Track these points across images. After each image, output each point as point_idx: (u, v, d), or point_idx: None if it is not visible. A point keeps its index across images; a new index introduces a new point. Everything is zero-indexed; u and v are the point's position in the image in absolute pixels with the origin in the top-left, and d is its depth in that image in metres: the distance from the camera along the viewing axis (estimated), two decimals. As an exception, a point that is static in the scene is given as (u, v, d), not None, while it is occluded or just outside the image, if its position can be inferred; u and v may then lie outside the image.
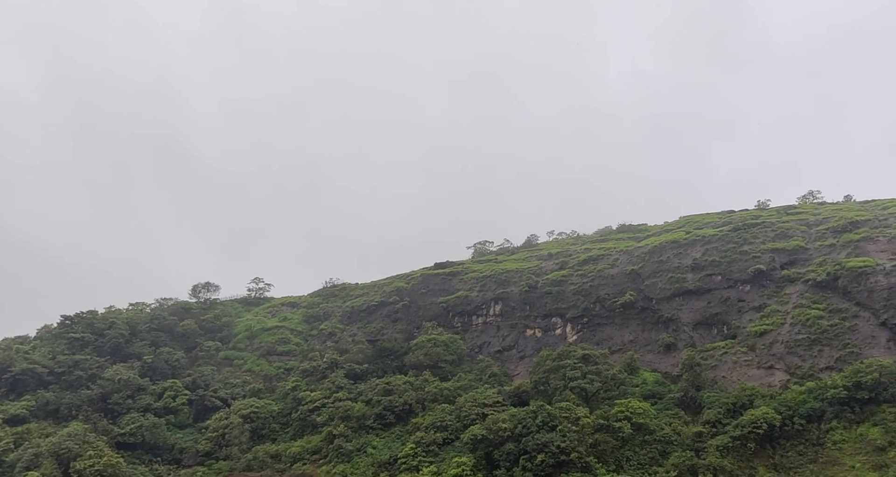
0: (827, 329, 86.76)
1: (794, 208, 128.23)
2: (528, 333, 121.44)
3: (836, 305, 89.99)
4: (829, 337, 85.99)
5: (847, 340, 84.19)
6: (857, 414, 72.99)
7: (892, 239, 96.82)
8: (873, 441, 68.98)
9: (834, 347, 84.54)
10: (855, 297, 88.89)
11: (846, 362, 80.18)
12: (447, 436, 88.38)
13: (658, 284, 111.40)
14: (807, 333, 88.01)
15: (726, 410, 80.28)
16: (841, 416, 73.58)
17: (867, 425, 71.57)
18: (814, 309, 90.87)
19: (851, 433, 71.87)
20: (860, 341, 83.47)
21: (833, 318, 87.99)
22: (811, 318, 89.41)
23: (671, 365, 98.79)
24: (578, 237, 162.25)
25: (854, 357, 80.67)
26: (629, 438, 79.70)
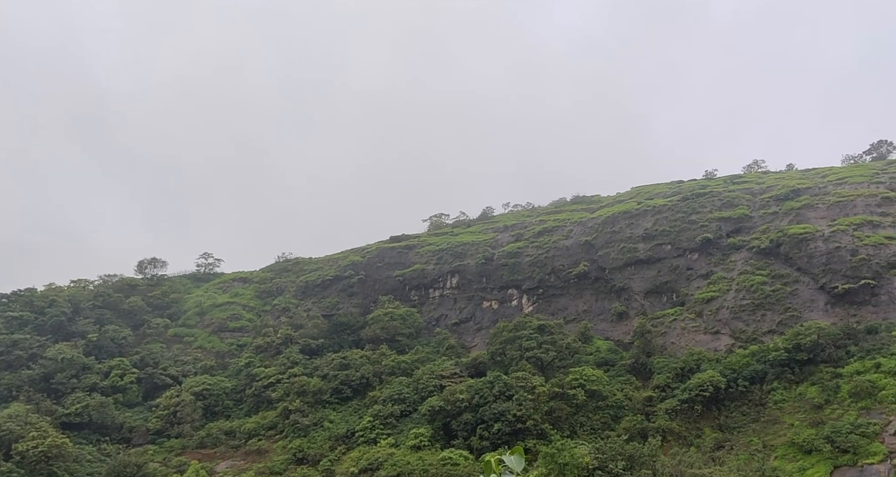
0: (769, 294, 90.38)
1: (740, 177, 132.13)
2: (484, 305, 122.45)
3: (778, 270, 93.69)
4: (771, 302, 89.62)
5: (788, 305, 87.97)
6: (796, 374, 76.41)
7: (830, 206, 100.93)
8: (811, 400, 72.38)
9: (776, 312, 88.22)
10: (796, 262, 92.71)
11: (787, 326, 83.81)
12: (405, 408, 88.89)
13: (611, 254, 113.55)
14: (751, 299, 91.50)
15: (675, 375, 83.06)
16: (782, 377, 76.92)
17: (805, 385, 75.01)
18: (757, 275, 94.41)
19: (791, 393, 75.26)
20: (800, 305, 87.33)
21: (775, 283, 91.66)
22: (755, 284, 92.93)
23: (623, 333, 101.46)
24: (534, 209, 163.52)
25: (794, 320, 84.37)
26: (583, 405, 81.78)
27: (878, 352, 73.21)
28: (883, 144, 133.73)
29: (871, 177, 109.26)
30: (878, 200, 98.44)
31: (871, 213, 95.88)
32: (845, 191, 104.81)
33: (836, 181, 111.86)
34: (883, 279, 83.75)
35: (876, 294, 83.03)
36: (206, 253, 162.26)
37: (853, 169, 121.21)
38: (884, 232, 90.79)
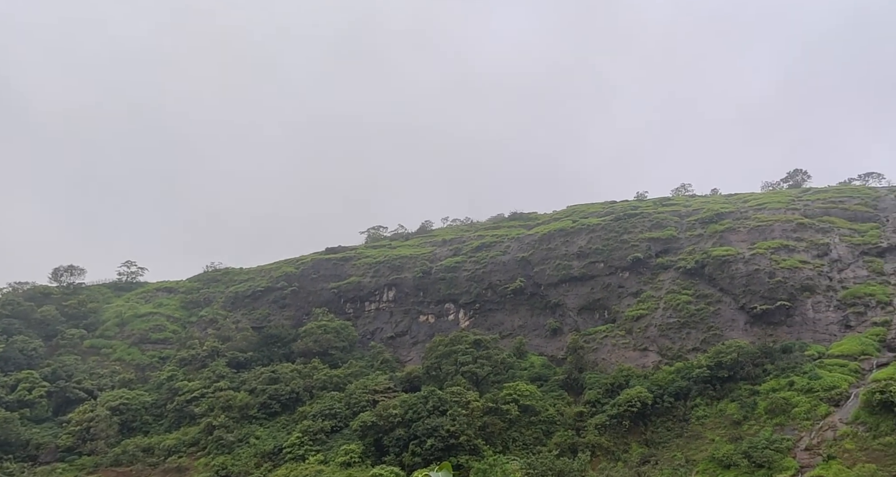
0: (694, 313, 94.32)
1: (669, 200, 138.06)
2: (421, 319, 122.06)
3: (702, 290, 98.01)
4: (695, 320, 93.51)
5: (711, 324, 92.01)
6: (717, 391, 79.55)
7: (751, 230, 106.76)
8: (730, 416, 75.47)
9: (700, 330, 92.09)
10: (719, 283, 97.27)
11: (710, 344, 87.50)
12: (336, 424, 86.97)
13: (546, 270, 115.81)
14: (677, 317, 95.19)
15: (605, 391, 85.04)
16: (704, 393, 79.93)
17: (726, 401, 78.16)
18: (683, 294, 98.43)
19: (713, 409, 78.29)
20: (722, 324, 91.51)
21: (700, 303, 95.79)
22: (681, 303, 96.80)
23: (557, 348, 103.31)
24: (472, 224, 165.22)
25: (717, 339, 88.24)
26: (516, 420, 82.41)
27: (791, 370, 77.17)
28: (798, 173, 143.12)
29: (788, 203, 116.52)
30: (793, 226, 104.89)
31: (787, 237, 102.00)
32: (764, 216, 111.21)
33: (756, 206, 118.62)
34: (797, 301, 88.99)
35: (790, 315, 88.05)
36: (128, 261, 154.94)
37: (772, 195, 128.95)
38: (798, 256, 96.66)
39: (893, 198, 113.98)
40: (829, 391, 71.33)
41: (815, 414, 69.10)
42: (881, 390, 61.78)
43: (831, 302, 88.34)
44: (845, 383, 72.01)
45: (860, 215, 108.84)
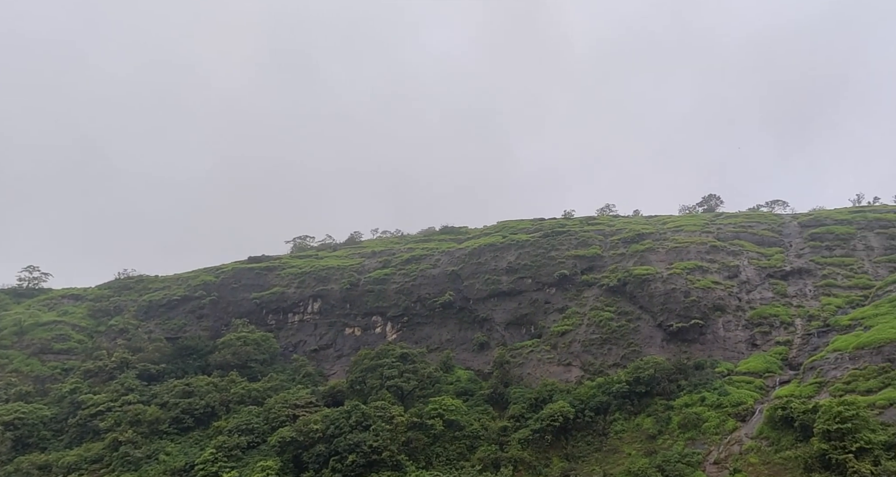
0: (616, 330, 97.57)
1: (594, 219, 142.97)
2: (347, 332, 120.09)
3: (624, 308, 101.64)
4: (617, 337, 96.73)
5: (631, 340, 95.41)
6: (635, 406, 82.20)
7: (669, 251, 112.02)
8: (646, 430, 78.07)
9: (620, 346, 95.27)
10: (639, 301, 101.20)
11: (629, 360, 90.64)
12: (253, 439, 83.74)
13: (476, 284, 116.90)
14: (599, 333, 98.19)
15: (529, 405, 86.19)
16: (623, 408, 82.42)
17: (642, 416, 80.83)
18: (606, 311, 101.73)
19: (630, 423, 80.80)
20: (641, 341, 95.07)
21: (621, 319, 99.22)
22: (603, 319, 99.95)
23: (484, 363, 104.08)
24: (403, 236, 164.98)
25: (636, 355, 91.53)
26: (440, 435, 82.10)
27: (703, 386, 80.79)
28: (713, 198, 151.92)
29: (703, 227, 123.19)
30: (707, 248, 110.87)
31: (701, 259, 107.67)
32: (681, 238, 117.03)
33: (674, 228, 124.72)
34: (709, 320, 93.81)
35: (703, 333, 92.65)
36: (30, 266, 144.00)
37: (688, 218, 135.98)
38: (711, 277, 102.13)
39: (796, 224, 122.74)
40: (737, 407, 74.93)
41: (724, 428, 72.37)
42: (783, 407, 65.34)
43: (740, 321, 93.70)
44: (751, 399, 75.97)
45: (767, 240, 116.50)
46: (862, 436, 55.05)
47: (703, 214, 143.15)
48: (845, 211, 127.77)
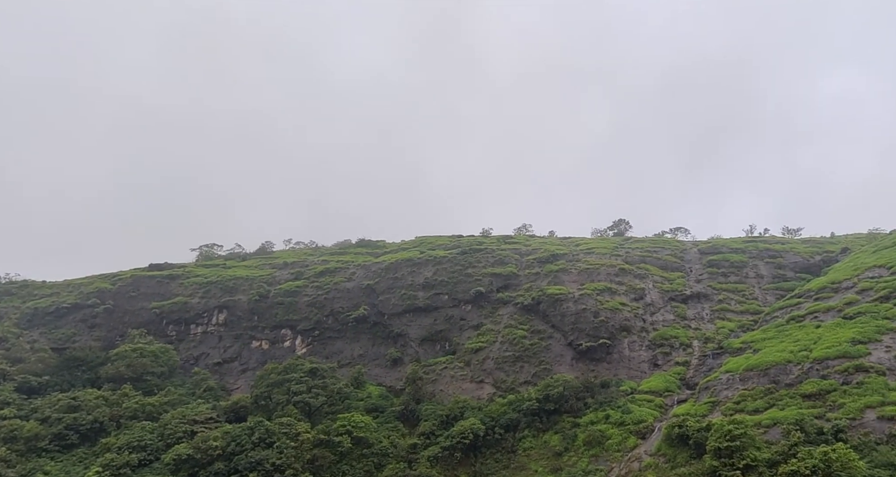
0: (528, 347, 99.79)
1: (511, 238, 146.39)
2: (253, 345, 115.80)
3: (536, 326, 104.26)
4: (529, 355, 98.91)
5: (542, 358, 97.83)
6: (544, 423, 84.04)
7: (581, 272, 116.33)
8: (554, 447, 79.95)
9: (532, 364, 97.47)
10: (551, 320, 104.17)
11: (540, 377, 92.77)
12: (145, 457, 78.55)
13: (391, 300, 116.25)
14: (513, 351, 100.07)
15: (440, 422, 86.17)
16: (532, 425, 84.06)
17: (550, 433, 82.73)
18: (519, 329, 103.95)
19: (538, 440, 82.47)
20: (552, 359, 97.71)
21: (534, 338, 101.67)
22: (517, 337, 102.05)
23: (396, 379, 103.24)
24: (317, 248, 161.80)
25: (546, 373, 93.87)
26: (348, 452, 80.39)
27: (608, 404, 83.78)
28: (622, 222, 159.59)
29: (612, 250, 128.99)
30: (616, 271, 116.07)
31: (610, 281, 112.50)
32: (593, 259, 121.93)
33: (586, 250, 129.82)
34: (616, 340, 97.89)
35: (610, 353, 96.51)
36: None
37: (599, 241, 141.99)
38: (619, 298, 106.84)
39: (696, 251, 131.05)
40: (638, 425, 78.20)
41: (626, 446, 75.28)
42: (679, 425, 68.75)
43: (644, 342, 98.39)
44: (651, 417, 79.56)
45: (670, 265, 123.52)
46: (749, 453, 58.67)
47: (614, 238, 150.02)
48: (739, 240, 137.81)
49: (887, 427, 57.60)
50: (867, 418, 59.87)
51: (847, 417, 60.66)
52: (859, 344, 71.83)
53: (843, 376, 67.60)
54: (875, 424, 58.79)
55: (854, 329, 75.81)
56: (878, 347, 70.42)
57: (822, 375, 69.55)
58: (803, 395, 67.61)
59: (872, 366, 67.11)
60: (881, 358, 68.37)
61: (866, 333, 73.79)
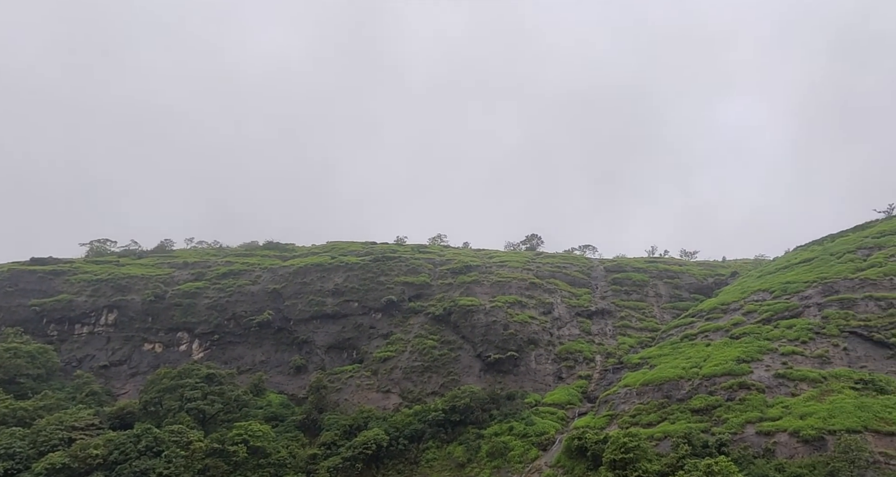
0: (437, 358, 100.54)
1: (425, 247, 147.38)
2: (146, 348, 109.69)
3: (447, 337, 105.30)
4: (438, 365, 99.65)
5: (451, 369, 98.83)
6: (449, 434, 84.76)
7: (493, 284, 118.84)
8: (457, 458, 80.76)
9: (440, 374, 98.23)
10: (462, 331, 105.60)
11: (448, 388, 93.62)
12: (13, 466, 72.01)
13: (298, 305, 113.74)
14: (421, 361, 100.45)
15: (343, 432, 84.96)
16: (437, 436, 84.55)
17: (454, 445, 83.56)
18: (429, 339, 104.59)
19: (442, 452, 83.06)
20: (461, 370, 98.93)
21: (443, 348, 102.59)
22: (427, 347, 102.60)
23: (299, 387, 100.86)
24: (221, 249, 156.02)
25: (454, 384, 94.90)
26: (243, 463, 77.51)
27: (513, 416, 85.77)
28: (535, 237, 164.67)
29: (524, 264, 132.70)
30: (527, 284, 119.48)
31: (521, 294, 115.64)
32: (505, 272, 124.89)
33: (499, 263, 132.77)
34: (524, 352, 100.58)
35: (517, 365, 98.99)
36: None
37: (512, 255, 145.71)
38: (528, 312, 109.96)
39: (602, 269, 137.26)
40: (541, 436, 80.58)
41: (527, 457, 77.29)
42: (578, 437, 71.37)
43: (550, 355, 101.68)
44: (553, 429, 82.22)
45: (577, 281, 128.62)
46: (641, 465, 61.77)
47: (526, 252, 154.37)
48: (642, 260, 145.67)
49: (764, 441, 62.41)
50: (747, 433, 64.61)
51: (730, 432, 65.17)
52: (743, 363, 77.57)
53: (728, 393, 72.70)
54: (754, 438, 63.55)
55: (739, 349, 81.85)
56: (760, 366, 76.37)
57: (709, 391, 74.46)
58: (692, 409, 72.06)
59: (754, 383, 72.62)
60: (762, 376, 74.17)
61: (750, 352, 79.85)
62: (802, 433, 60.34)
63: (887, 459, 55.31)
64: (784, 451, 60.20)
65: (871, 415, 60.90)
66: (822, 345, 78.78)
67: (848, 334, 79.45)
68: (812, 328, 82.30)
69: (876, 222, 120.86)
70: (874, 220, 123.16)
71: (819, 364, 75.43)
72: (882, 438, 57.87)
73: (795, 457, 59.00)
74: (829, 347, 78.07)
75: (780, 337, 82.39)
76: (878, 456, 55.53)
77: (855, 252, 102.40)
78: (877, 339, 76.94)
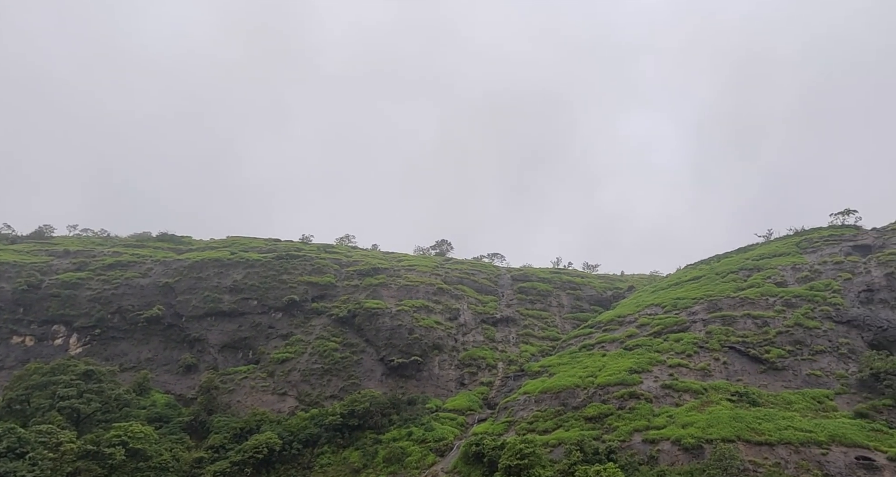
0: (339, 361, 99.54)
1: (332, 247, 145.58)
2: (14, 341, 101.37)
3: (350, 339, 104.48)
4: (339, 368, 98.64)
5: (352, 372, 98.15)
6: (345, 439, 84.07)
7: (401, 287, 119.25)
8: (352, 463, 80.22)
9: (341, 378, 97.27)
10: (366, 334, 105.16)
11: (348, 392, 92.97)
12: None
13: (192, 301, 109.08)
14: (322, 363, 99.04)
15: (233, 435, 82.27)
16: (333, 441, 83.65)
17: (351, 450, 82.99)
18: (332, 341, 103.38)
19: (338, 457, 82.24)
20: (362, 374, 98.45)
21: (345, 351, 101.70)
22: (328, 349, 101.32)
23: (189, 387, 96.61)
24: (109, 238, 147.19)
25: (355, 387, 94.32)
26: (120, 466, 73.18)
27: (412, 421, 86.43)
28: (444, 243, 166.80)
29: (433, 269, 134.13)
30: (434, 289, 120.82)
31: (428, 299, 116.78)
32: (413, 277, 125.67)
33: (407, 267, 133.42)
34: (428, 358, 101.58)
35: (421, 370, 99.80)
36: None
37: (421, 259, 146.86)
38: (434, 317, 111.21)
39: (509, 277, 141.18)
40: (439, 442, 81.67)
41: (424, 463, 78.06)
42: (476, 443, 73.12)
43: (454, 361, 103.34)
44: (452, 435, 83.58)
45: (485, 288, 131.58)
46: (534, 471, 64.16)
47: (435, 257, 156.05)
48: (547, 271, 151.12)
49: (649, 449, 66.58)
50: (634, 441, 68.66)
51: (619, 439, 69.00)
52: (634, 373, 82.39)
53: (619, 402, 76.94)
54: (640, 446, 67.63)
55: (632, 359, 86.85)
56: (649, 377, 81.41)
57: (603, 400, 78.50)
58: (586, 417, 75.66)
59: (643, 393, 77.31)
60: (650, 387, 79.08)
61: (641, 363, 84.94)
62: (683, 442, 64.83)
63: (755, 466, 60.53)
64: (666, 458, 64.43)
65: (744, 425, 66.45)
66: (704, 358, 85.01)
67: (728, 349, 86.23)
68: (697, 342, 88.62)
69: (756, 245, 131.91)
70: (755, 244, 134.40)
71: (701, 376, 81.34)
72: (752, 447, 63.24)
73: (676, 464, 63.30)
74: (711, 360, 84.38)
75: (669, 350, 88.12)
76: (748, 464, 60.63)
77: (737, 272, 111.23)
78: (752, 354, 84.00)
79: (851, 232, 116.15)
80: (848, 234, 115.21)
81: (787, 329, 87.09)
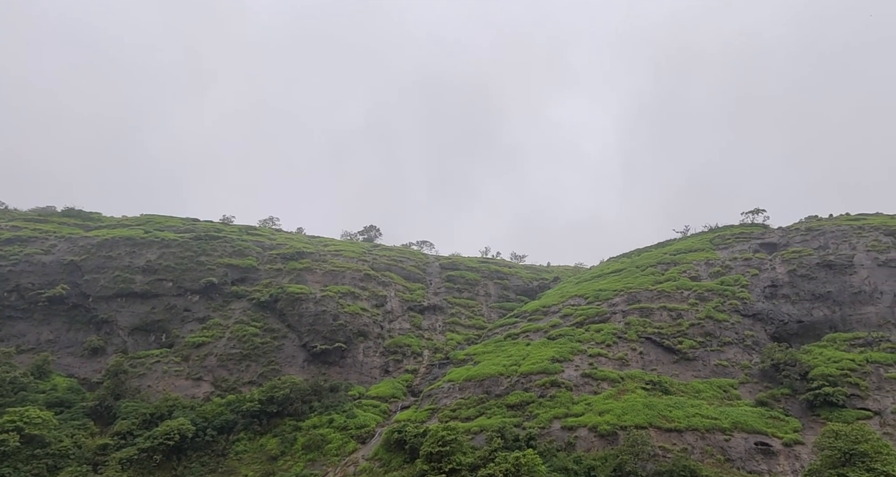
0: (259, 346, 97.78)
1: (255, 229, 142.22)
2: None
3: (271, 324, 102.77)
4: (258, 353, 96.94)
5: (273, 358, 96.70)
6: (263, 426, 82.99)
7: (326, 272, 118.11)
8: (270, 451, 79.41)
9: (260, 363, 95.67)
10: (288, 319, 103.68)
11: (267, 378, 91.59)
12: None
13: (101, 280, 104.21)
14: (240, 348, 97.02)
15: (142, 421, 79.64)
16: (250, 427, 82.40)
17: (268, 437, 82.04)
18: (251, 326, 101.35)
19: (254, 444, 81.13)
20: (283, 360, 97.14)
21: (266, 336, 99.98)
22: (247, 334, 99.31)
23: (94, 371, 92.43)
24: (7, 211, 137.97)
25: (274, 374, 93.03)
26: (14, 453, 69.73)
27: (334, 409, 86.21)
28: (372, 229, 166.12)
29: (361, 255, 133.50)
30: (361, 276, 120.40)
31: (355, 285, 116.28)
32: (339, 262, 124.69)
33: (334, 251, 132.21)
34: (352, 344, 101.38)
35: (344, 357, 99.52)
36: None
37: (348, 245, 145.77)
38: (360, 304, 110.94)
39: (437, 265, 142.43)
40: (361, 429, 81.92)
41: (345, 450, 78.24)
42: (398, 430, 73.92)
43: (379, 348, 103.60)
44: (374, 423, 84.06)
45: (413, 275, 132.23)
46: (455, 458, 65.46)
47: (363, 243, 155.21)
48: (475, 260, 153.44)
49: (567, 436, 69.39)
50: (553, 428, 71.39)
51: (539, 427, 71.55)
52: (556, 362, 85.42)
53: (541, 390, 79.62)
54: (559, 432, 70.39)
55: (554, 349, 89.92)
56: (570, 366, 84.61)
57: (525, 388, 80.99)
58: (508, 405, 77.88)
59: (564, 382, 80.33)
60: (571, 375, 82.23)
61: (563, 352, 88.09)
62: (599, 428, 68.01)
63: (665, 452, 64.35)
64: (583, 444, 67.40)
65: (656, 413, 70.37)
66: (622, 348, 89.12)
67: (644, 340, 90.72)
68: (616, 333, 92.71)
69: (674, 241, 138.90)
70: (672, 239, 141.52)
71: (619, 366, 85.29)
72: (662, 433, 67.13)
73: (592, 450, 66.35)
74: (629, 350, 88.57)
75: (590, 340, 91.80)
76: (657, 450, 64.36)
77: (655, 266, 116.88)
78: (666, 345, 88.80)
79: (760, 230, 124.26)
80: (756, 232, 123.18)
81: (699, 321, 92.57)
